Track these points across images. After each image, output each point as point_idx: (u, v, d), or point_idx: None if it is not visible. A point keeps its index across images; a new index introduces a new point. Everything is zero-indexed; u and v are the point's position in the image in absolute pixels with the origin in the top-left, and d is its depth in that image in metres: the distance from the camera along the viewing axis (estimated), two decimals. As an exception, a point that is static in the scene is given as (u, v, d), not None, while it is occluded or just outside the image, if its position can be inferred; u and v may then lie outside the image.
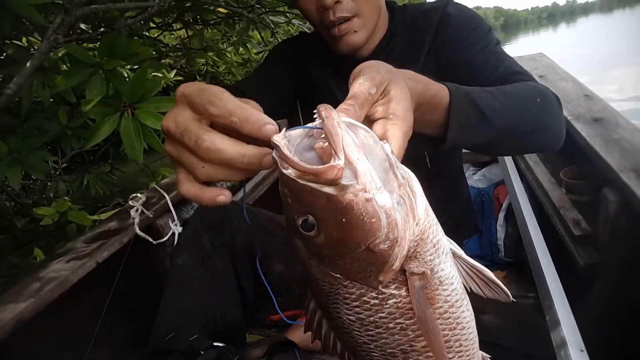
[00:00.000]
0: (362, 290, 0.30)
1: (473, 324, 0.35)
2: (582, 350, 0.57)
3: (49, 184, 2.23)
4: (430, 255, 0.30)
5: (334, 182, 0.27)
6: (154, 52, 1.71)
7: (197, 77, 5.39)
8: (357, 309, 0.31)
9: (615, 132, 1.00)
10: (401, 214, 0.29)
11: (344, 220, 0.28)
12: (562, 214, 1.02)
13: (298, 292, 1.03)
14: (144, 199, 1.09)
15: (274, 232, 0.97)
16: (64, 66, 1.42)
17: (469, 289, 0.36)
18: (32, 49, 1.64)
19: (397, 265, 0.29)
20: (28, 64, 1.14)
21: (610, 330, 0.86)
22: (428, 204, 0.32)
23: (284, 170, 0.28)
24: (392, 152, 0.32)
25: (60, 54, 1.41)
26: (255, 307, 1.19)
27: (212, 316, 0.85)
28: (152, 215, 1.06)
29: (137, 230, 0.99)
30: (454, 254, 0.34)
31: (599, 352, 0.84)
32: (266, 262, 0.95)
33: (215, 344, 0.71)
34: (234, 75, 5.51)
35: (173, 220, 1.09)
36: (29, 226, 2.59)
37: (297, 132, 0.30)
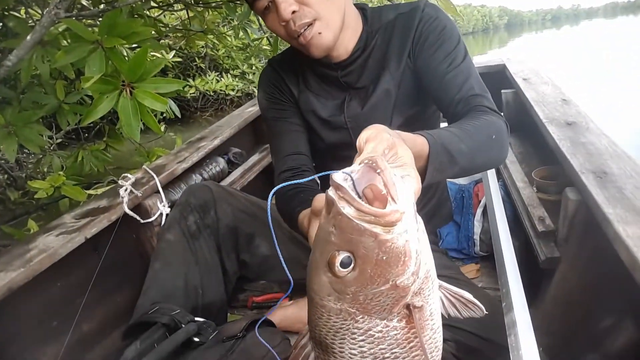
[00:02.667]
0: (370, 324, 0.33)
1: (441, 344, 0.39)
2: (530, 330, 0.61)
3: (43, 158, 2.23)
4: (429, 290, 0.34)
5: (392, 225, 0.31)
6: (153, 32, 1.71)
7: (197, 59, 5.37)
8: (362, 342, 0.34)
9: (583, 136, 1.05)
10: (423, 251, 0.33)
11: (384, 258, 0.31)
12: (529, 211, 1.07)
13: (279, 276, 1.07)
14: (133, 179, 1.12)
15: (258, 217, 1.00)
16: (64, 41, 1.43)
17: (447, 315, 0.40)
18: (30, 20, 1.65)
19: (408, 299, 0.33)
20: (28, 38, 1.15)
21: (563, 318, 0.92)
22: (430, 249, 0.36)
23: (341, 209, 0.31)
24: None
25: (60, 29, 1.42)
26: (238, 288, 1.23)
27: (194, 293, 0.89)
28: (140, 195, 1.09)
29: (126, 209, 1.02)
30: (440, 286, 0.38)
31: (551, 335, 0.91)
32: (250, 246, 0.98)
33: (196, 319, 0.75)
34: (232, 60, 5.49)
35: (161, 201, 1.12)
36: (22, 199, 2.60)
37: (342, 175, 0.34)
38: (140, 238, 1.14)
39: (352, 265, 0.32)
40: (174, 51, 2.67)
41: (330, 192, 0.33)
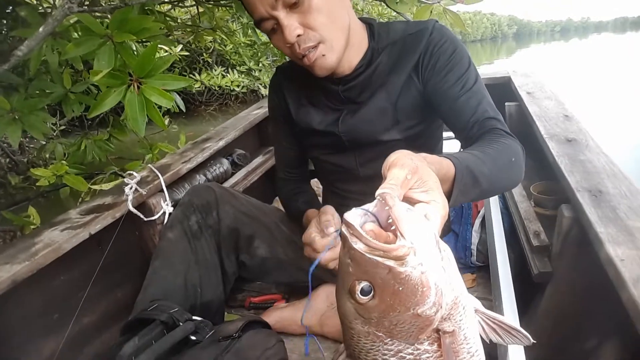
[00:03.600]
0: (400, 347, 0.35)
1: None
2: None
3: (46, 144, 2.24)
4: (460, 316, 0.36)
5: (400, 259, 0.33)
6: (163, 27, 1.72)
7: (204, 53, 5.37)
8: None
9: (582, 154, 1.06)
10: (444, 281, 0.34)
11: (400, 288, 0.33)
12: (526, 224, 1.08)
13: (277, 278, 1.08)
14: (138, 177, 1.13)
15: (258, 219, 1.01)
16: (75, 34, 1.44)
17: (488, 341, 0.41)
18: (40, 7, 1.65)
19: (435, 325, 0.34)
20: (41, 30, 1.16)
21: (553, 332, 0.94)
22: (459, 271, 0.38)
23: (353, 245, 0.34)
24: (433, 230, 0.38)
25: (72, 21, 1.43)
26: (236, 288, 1.24)
27: (193, 292, 0.90)
28: (145, 194, 1.10)
29: (130, 207, 1.03)
30: (476, 310, 0.40)
31: (541, 348, 0.93)
32: (249, 247, 1.00)
33: (194, 317, 0.76)
34: (240, 56, 5.49)
35: (165, 200, 1.13)
36: (23, 184, 2.62)
37: (357, 212, 0.37)
38: (143, 236, 1.15)
39: (372, 293, 0.34)
40: (181, 45, 2.68)
41: (344, 228, 0.35)
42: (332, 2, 0.71)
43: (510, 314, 0.68)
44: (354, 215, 0.36)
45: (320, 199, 1.30)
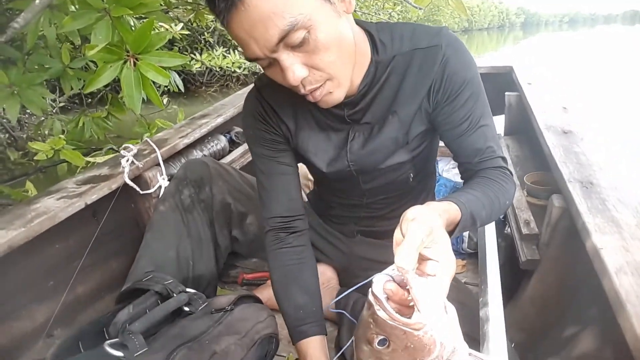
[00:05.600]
0: None
1: None
2: (501, 326, 0.65)
3: (44, 120, 2.24)
4: (457, 358, 0.43)
5: (415, 330, 0.40)
6: (162, 4, 1.70)
7: (205, 32, 5.31)
8: None
9: (577, 146, 1.08)
10: (448, 338, 0.42)
11: (412, 346, 0.41)
12: (517, 213, 1.10)
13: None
14: (135, 150, 1.14)
15: (252, 196, 1.02)
16: (72, 7, 1.43)
17: None
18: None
19: None
20: (37, 1, 1.15)
21: (537, 317, 0.97)
22: (459, 325, 0.45)
23: (378, 313, 0.42)
24: (442, 288, 0.44)
25: (69, -7, 1.41)
26: (230, 264, 1.26)
27: (185, 265, 0.92)
28: (141, 166, 1.11)
29: (127, 179, 1.04)
30: (470, 354, 0.46)
31: (525, 332, 0.95)
32: (242, 223, 1.01)
33: (187, 289, 0.78)
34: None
35: (161, 174, 1.14)
36: (22, 160, 2.62)
37: (381, 279, 0.44)
38: (139, 208, 1.16)
39: (387, 344, 0.42)
40: (182, 24, 2.64)
41: (370, 296, 0.43)
42: (339, 31, 0.60)
43: (495, 300, 0.70)
44: (380, 284, 0.43)
45: (310, 185, 1.29)
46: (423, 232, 0.44)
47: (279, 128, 0.80)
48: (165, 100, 3.64)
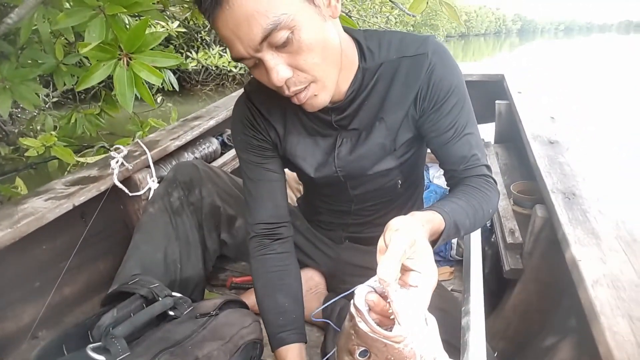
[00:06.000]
0: None
1: None
2: (481, 335, 0.66)
3: (37, 116, 2.22)
4: None
5: (396, 342, 0.41)
6: (157, 2, 1.70)
7: (202, 31, 5.29)
8: None
9: (562, 156, 1.09)
10: (428, 350, 0.43)
11: (392, 358, 0.42)
12: (502, 222, 1.12)
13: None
14: (125, 151, 1.14)
15: (242, 199, 1.02)
16: (67, 4, 1.42)
17: None
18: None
19: None
20: (31, -2, 1.14)
21: (519, 326, 0.98)
22: (439, 336, 0.46)
23: (359, 325, 0.42)
24: (423, 299, 0.45)
25: (64, -10, 1.40)
26: (219, 267, 1.26)
27: (172, 267, 0.92)
28: (131, 168, 1.11)
29: (116, 181, 1.04)
30: None
31: (507, 340, 0.96)
32: (231, 226, 1.01)
33: (173, 293, 0.78)
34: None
35: (151, 176, 1.14)
36: (13, 155, 2.60)
37: (363, 290, 0.44)
38: (127, 210, 1.16)
39: (368, 355, 0.43)
40: (178, 22, 2.63)
41: (352, 308, 0.44)
42: (324, 34, 0.61)
43: (476, 309, 0.71)
44: (361, 296, 0.44)
45: (300, 190, 1.29)
46: (405, 243, 0.45)
47: (267, 134, 0.81)
48: (159, 99, 3.63)
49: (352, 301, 0.44)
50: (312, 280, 1.04)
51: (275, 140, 0.81)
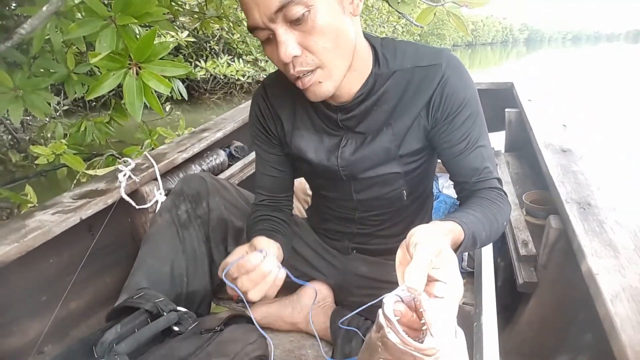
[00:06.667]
0: None
1: None
2: (495, 352, 0.63)
3: (47, 124, 2.25)
4: None
5: (427, 355, 0.39)
6: (167, 12, 1.71)
7: (211, 41, 5.35)
8: None
9: (575, 165, 1.05)
10: None
11: None
12: (515, 233, 1.08)
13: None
14: (133, 164, 1.13)
15: (247, 211, 1.01)
16: (79, 14, 1.44)
17: None
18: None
19: None
20: (44, 9, 1.15)
21: (535, 342, 0.95)
22: (466, 350, 0.44)
23: (388, 335, 0.40)
24: (451, 310, 0.44)
25: (76, 1, 1.42)
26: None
27: (179, 281, 0.90)
28: (138, 181, 1.10)
29: (123, 194, 1.03)
30: None
31: (523, 357, 0.93)
32: (238, 239, 1.00)
33: (178, 308, 0.76)
34: (247, 45, 5.46)
35: (158, 189, 1.13)
36: (23, 162, 2.62)
37: (391, 299, 0.42)
38: (135, 223, 1.16)
39: None
40: (188, 32, 2.66)
41: (381, 318, 0.41)
42: (340, 24, 0.62)
43: (489, 322, 0.68)
44: (390, 305, 0.42)
45: (308, 201, 1.29)
46: (432, 252, 0.44)
47: (275, 128, 0.85)
48: (167, 107, 3.65)
49: (380, 311, 0.42)
50: (320, 294, 1.02)
51: (281, 135, 0.85)
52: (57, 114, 3.13)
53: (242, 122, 1.66)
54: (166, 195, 1.14)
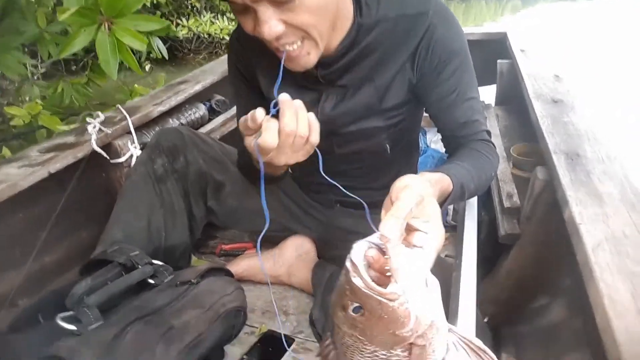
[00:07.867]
0: (376, 350, 0.41)
1: None
2: (472, 301, 0.64)
3: (24, 86, 2.17)
4: (432, 334, 0.41)
5: (391, 299, 0.38)
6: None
7: (192, -4, 5.09)
8: (368, 358, 0.43)
9: (566, 115, 1.02)
10: (424, 312, 0.40)
11: (385, 316, 0.39)
12: (500, 186, 1.07)
13: (246, 227, 1.08)
14: (102, 117, 1.09)
15: (230, 166, 0.98)
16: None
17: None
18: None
19: (411, 340, 0.40)
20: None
21: (512, 290, 0.96)
22: (440, 300, 0.43)
23: (353, 280, 0.39)
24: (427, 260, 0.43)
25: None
26: (209, 235, 1.24)
27: (157, 235, 0.89)
28: (110, 134, 1.06)
29: (95, 146, 1.00)
30: (450, 329, 0.45)
31: (499, 304, 0.95)
32: (218, 194, 0.98)
33: (154, 262, 0.75)
34: None
35: (132, 142, 1.10)
36: (1, 126, 2.56)
37: (362, 245, 0.41)
38: (110, 177, 1.13)
39: (361, 312, 0.40)
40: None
41: (348, 262, 0.41)
42: None
43: (468, 272, 0.68)
44: (359, 251, 0.41)
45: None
46: (413, 200, 0.43)
47: (252, 74, 0.82)
48: (147, 67, 3.53)
49: (348, 255, 0.42)
50: (302, 247, 1.02)
51: (259, 83, 0.82)
52: (35, 77, 3.01)
53: (222, 75, 1.58)
54: (141, 149, 1.10)
